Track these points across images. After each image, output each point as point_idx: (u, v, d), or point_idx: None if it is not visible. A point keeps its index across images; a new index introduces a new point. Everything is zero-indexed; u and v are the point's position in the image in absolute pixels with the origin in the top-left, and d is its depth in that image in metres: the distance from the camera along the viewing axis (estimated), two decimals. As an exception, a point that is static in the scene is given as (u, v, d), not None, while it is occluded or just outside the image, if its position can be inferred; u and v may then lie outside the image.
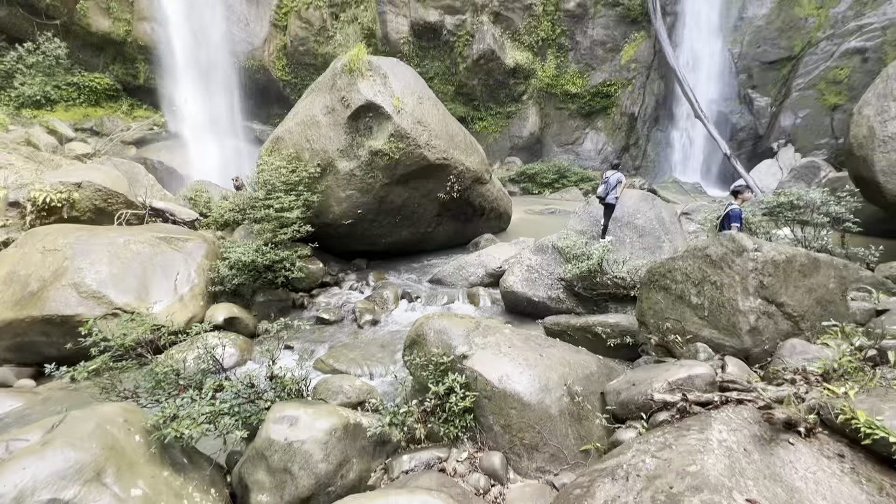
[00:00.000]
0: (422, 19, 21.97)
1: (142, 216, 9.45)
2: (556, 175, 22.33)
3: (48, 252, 6.71)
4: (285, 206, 8.56)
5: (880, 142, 8.31)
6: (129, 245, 7.19)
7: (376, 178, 9.42)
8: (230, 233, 9.93)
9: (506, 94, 24.44)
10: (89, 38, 19.59)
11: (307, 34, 21.00)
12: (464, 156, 10.56)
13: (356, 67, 9.02)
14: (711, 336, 4.74)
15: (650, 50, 23.71)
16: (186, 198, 11.61)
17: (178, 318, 6.82)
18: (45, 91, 18.79)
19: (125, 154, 18.61)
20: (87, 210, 8.69)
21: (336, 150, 9.35)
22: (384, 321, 7.99)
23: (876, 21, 19.30)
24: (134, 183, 11.23)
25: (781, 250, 4.81)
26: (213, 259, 8.09)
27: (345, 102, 9.13)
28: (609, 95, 24.32)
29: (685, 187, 21.34)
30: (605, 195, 8.46)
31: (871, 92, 8.93)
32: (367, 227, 10.20)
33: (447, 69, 23.64)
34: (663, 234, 8.60)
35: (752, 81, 22.36)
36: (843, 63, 19.90)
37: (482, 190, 11.62)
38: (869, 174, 8.65)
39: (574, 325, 6.43)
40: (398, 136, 9.08)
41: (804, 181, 16.54)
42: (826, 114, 20.38)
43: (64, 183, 8.38)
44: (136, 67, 20.45)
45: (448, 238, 11.93)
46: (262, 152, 10.22)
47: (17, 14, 18.32)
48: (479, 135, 24.37)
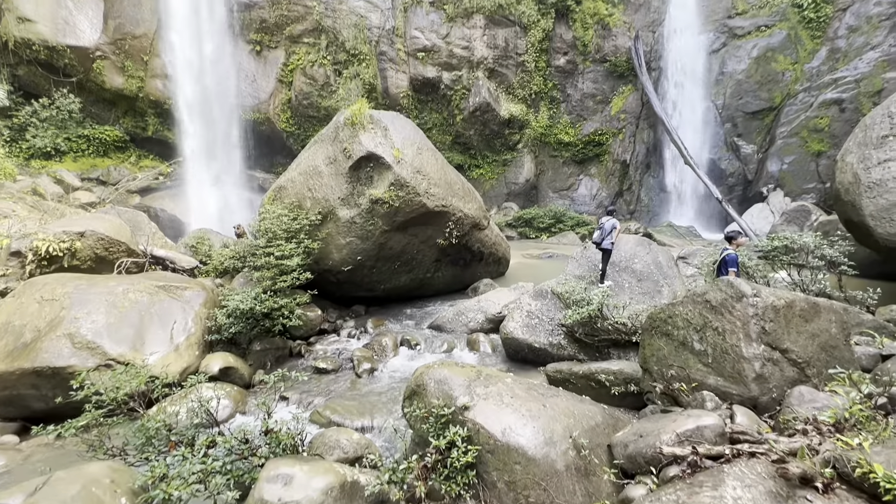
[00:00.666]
0: (420, 75, 23.20)
1: (142, 264, 9.47)
2: (553, 220, 22.71)
3: (46, 302, 6.67)
4: (285, 254, 8.62)
5: (866, 187, 8.57)
6: (128, 294, 7.16)
7: (376, 225, 9.56)
8: (229, 280, 9.92)
9: (501, 143, 25.35)
10: (103, 93, 20.51)
11: (311, 89, 22.07)
12: (462, 203, 10.79)
13: (358, 121, 9.42)
14: (717, 384, 4.66)
15: (638, 101, 24.91)
16: (187, 245, 11.69)
17: (173, 368, 6.67)
18: (56, 143, 19.41)
19: (129, 202, 18.94)
20: (88, 258, 8.73)
21: (337, 199, 9.56)
22: (383, 369, 7.82)
23: (849, 75, 20.48)
24: (136, 231, 11.35)
25: (780, 295, 4.83)
26: (212, 307, 8.04)
27: (347, 153, 9.45)
28: (601, 144, 25.24)
29: (680, 231, 21.66)
30: (601, 241, 8.59)
31: (851, 141, 9.32)
32: (367, 273, 10.23)
33: (445, 120, 24.66)
34: (661, 278, 8.63)
35: (738, 130, 23.34)
36: (822, 113, 20.89)
37: (480, 235, 11.77)
38: (858, 218, 8.85)
39: (577, 373, 6.31)
40: (398, 184, 9.32)
41: (796, 224, 16.85)
42: (811, 160, 21.12)
43: (67, 232, 8.47)
44: (145, 120, 21.27)
45: (447, 283, 11.94)
46: (265, 200, 10.43)
47: (37, 73, 19.28)
48: (476, 181, 25.02)
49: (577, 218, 23.07)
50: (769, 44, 22.37)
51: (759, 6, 22.80)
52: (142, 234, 11.27)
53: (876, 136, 8.70)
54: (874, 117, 8.99)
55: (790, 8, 22.10)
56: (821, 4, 21.44)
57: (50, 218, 11.72)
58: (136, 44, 19.80)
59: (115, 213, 12.14)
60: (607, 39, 24.31)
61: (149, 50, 20.00)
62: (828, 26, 21.43)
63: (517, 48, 24.06)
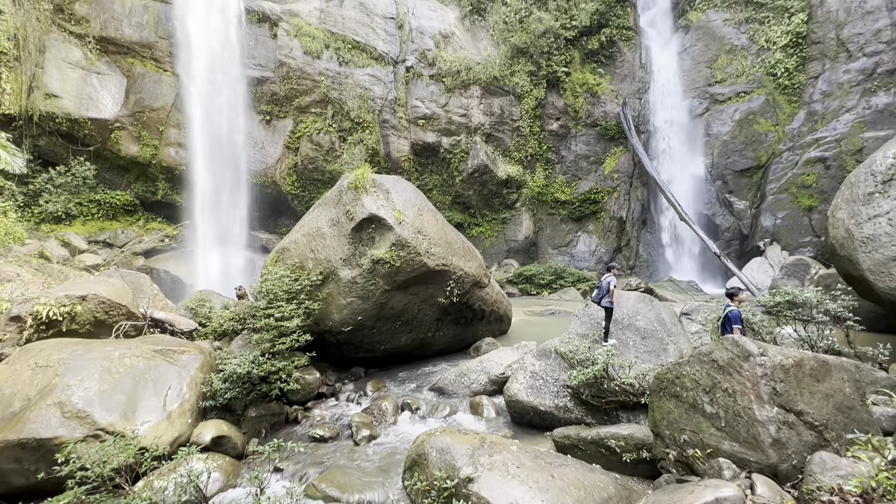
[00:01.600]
0: (421, 140, 24.41)
1: (141, 327, 9.39)
2: (553, 276, 22.76)
3: (39, 369, 6.54)
4: (286, 315, 8.58)
5: (860, 242, 8.70)
6: (124, 359, 7.04)
7: (377, 285, 9.60)
8: (228, 343, 9.78)
9: (500, 202, 26.08)
10: (118, 161, 21.47)
11: (317, 154, 23.12)
12: (462, 261, 10.90)
13: (361, 184, 9.79)
14: (733, 450, 4.44)
15: (630, 161, 25.95)
16: (188, 307, 11.66)
17: (164, 437, 6.39)
18: (68, 208, 20.00)
19: (133, 264, 19.14)
20: (87, 322, 8.67)
21: (339, 259, 9.68)
22: (383, 436, 7.48)
23: (829, 135, 21.50)
24: (138, 293, 11.38)
25: (788, 354, 4.75)
26: (208, 371, 7.86)
27: (349, 216, 9.72)
28: (597, 201, 25.95)
29: (681, 286, 21.63)
30: (600, 300, 8.57)
31: (839, 197, 9.60)
32: (367, 333, 10.11)
33: (444, 181, 25.56)
34: (666, 335, 8.51)
35: (728, 187, 24.08)
36: (808, 170, 21.67)
37: (481, 293, 11.76)
38: (857, 273, 8.89)
39: (585, 439, 6.03)
40: (399, 245, 9.49)
41: (796, 278, 16.86)
42: (803, 214, 21.58)
43: (69, 296, 8.49)
44: (156, 185, 22.07)
45: (448, 343, 11.74)
46: (268, 262, 10.56)
47: (57, 143, 20.32)
48: (476, 239, 25.42)
49: (577, 274, 23.13)
50: (749, 108, 23.72)
51: (735, 75, 24.45)
52: (143, 296, 11.29)
53: (862, 193, 8.98)
54: (858, 175, 9.33)
55: (765, 76, 23.70)
56: (793, 73, 23.02)
57: (53, 281, 11.79)
58: (153, 115, 21.06)
59: (118, 276, 12.23)
60: (597, 106, 25.84)
61: (165, 121, 21.23)
62: (803, 91, 22.84)
63: (512, 115, 25.52)
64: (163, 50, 21.07)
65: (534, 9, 25.45)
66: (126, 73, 20.92)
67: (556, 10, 25.49)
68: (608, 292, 8.36)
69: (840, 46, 21.79)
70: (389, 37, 24.52)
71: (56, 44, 19.84)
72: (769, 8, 23.85)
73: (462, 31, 25.69)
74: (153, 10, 20.94)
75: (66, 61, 19.90)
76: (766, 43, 23.75)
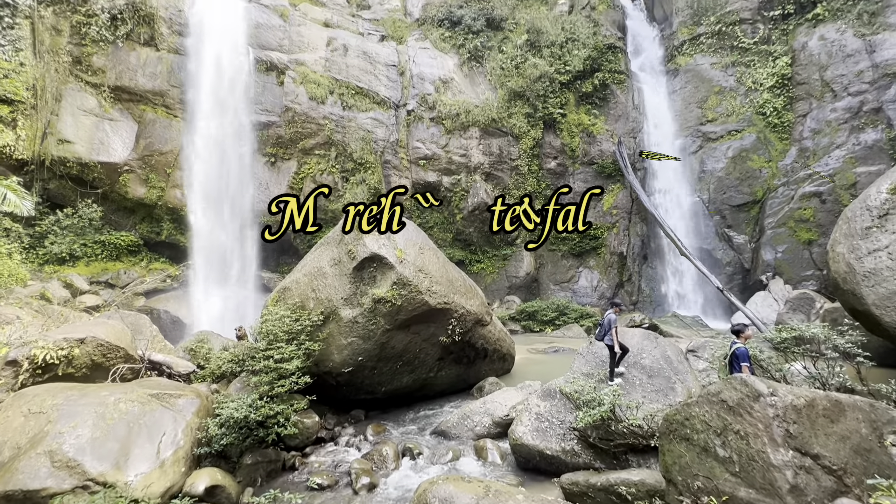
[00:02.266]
0: (422, 179, 24.93)
1: (138, 370, 9.24)
2: (556, 312, 22.54)
3: (32, 415, 6.39)
4: (285, 356, 8.46)
5: (862, 276, 8.68)
6: (119, 404, 6.88)
7: (378, 324, 9.52)
8: (226, 385, 9.59)
9: (500, 238, 26.26)
10: (124, 202, 21.87)
11: (320, 195, 23.55)
12: (464, 299, 10.85)
13: (363, 224, 9.91)
14: (749, 497, 4.24)
15: (627, 198, 26.34)
16: (187, 349, 11.52)
17: (156, 487, 6.15)
18: (72, 249, 20.17)
19: (134, 305, 19.06)
20: (84, 366, 8.55)
21: (340, 299, 9.66)
22: (383, 485, 7.17)
23: (822, 170, 21.91)
24: (137, 335, 11.27)
25: (799, 393, 4.63)
26: (204, 416, 7.66)
27: (351, 255, 9.78)
28: (597, 237, 26.11)
29: (686, 321, 21.36)
30: (602, 338, 8.45)
31: (837, 232, 9.67)
32: (368, 374, 9.92)
33: (445, 219, 25.88)
34: (673, 374, 8.32)
35: (727, 222, 24.29)
36: (804, 204, 21.92)
37: (483, 332, 11.62)
38: (863, 307, 8.81)
39: (595, 486, 5.78)
40: (401, 283, 9.49)
41: (801, 312, 16.68)
42: (803, 248, 21.63)
43: (67, 339, 8.42)
44: (160, 226, 22.35)
45: (451, 383, 11.48)
46: (269, 302, 10.53)
47: (66, 186, 20.80)
48: (477, 276, 25.40)
49: (580, 310, 22.91)
50: (742, 145, 24.32)
51: (726, 114, 25.26)
52: (142, 337, 11.17)
53: (860, 228, 9.05)
54: (854, 210, 9.44)
55: (755, 115, 24.47)
56: (782, 112, 23.78)
57: (53, 323, 11.73)
58: (161, 159, 21.65)
59: (118, 317, 12.17)
60: (593, 145, 26.55)
61: (173, 164, 21.80)
62: (792, 129, 23.50)
63: (511, 154, 26.18)
64: (174, 97, 21.95)
65: (529, 55, 26.69)
66: (137, 119, 21.71)
67: (551, 57, 26.71)
68: (609, 331, 8.26)
69: (825, 87, 22.63)
70: (391, 83, 25.58)
71: (72, 92, 20.72)
72: (753, 52, 24.98)
73: (461, 77, 26.83)
74: (167, 61, 22.00)
75: (81, 109, 20.71)
76: (754, 84, 24.70)
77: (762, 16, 25.07)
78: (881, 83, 21.29)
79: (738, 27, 25.44)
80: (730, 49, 25.63)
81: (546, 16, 28.04)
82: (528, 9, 28.68)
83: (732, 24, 25.52)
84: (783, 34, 24.55)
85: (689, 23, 27.18)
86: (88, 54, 21.00)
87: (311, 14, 26.00)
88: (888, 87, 21.13)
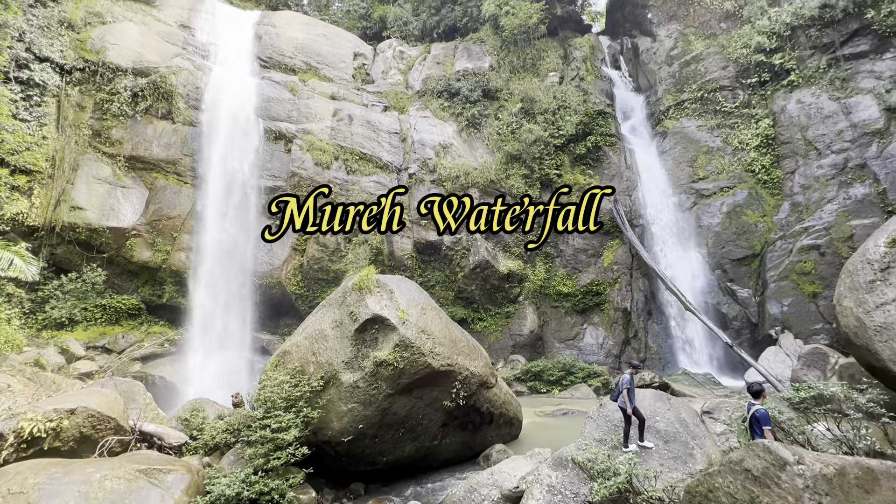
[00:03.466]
0: (423, 239, 25.32)
1: (128, 442, 8.81)
2: (563, 372, 21.84)
3: (11, 496, 5.99)
4: (283, 426, 8.10)
5: (874, 332, 8.51)
6: (104, 482, 6.48)
7: (380, 388, 9.21)
8: (219, 457, 9.09)
9: (502, 296, 26.14)
10: (128, 266, 22.07)
11: (323, 255, 23.83)
12: (468, 360, 10.58)
13: (365, 286, 9.94)
14: (789, 584, 3.85)
15: (627, 253, 26.54)
16: (180, 418, 11.05)
17: (134, 580, 5.61)
18: (73, 313, 20.04)
19: (130, 370, 18.58)
20: (71, 439, 8.16)
21: (341, 363, 9.43)
22: (384, 572, 6.54)
23: (817, 223, 22.24)
24: (130, 403, 10.88)
25: (826, 460, 4.36)
26: (195, 493, 7.17)
27: (353, 317, 9.69)
28: (599, 293, 25.96)
29: (697, 379, 20.62)
30: (616, 398, 8.14)
31: (841, 286, 9.63)
32: (368, 443, 9.42)
33: (447, 277, 25.93)
34: (690, 438, 7.90)
35: (728, 276, 24.25)
36: (804, 257, 22.00)
37: (489, 394, 11.20)
38: (879, 364, 8.55)
39: (617, 571, 5.27)
40: (403, 345, 9.31)
41: (817, 368, 16.15)
42: (809, 301, 21.40)
43: (57, 410, 8.11)
44: (163, 289, 22.38)
45: (456, 451, 10.87)
46: (268, 367, 10.28)
47: (73, 251, 21.12)
48: (480, 335, 24.94)
49: (587, 369, 22.21)
50: (735, 201, 24.92)
51: (717, 172, 26.15)
52: (135, 406, 10.79)
53: (864, 281, 9.03)
54: (855, 264, 9.47)
55: (744, 173, 25.33)
56: (770, 169, 24.64)
57: (45, 392, 11.36)
58: (169, 223, 22.18)
59: (112, 384, 11.82)
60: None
61: (180, 227, 22.29)
62: (783, 185, 24.21)
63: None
64: (185, 165, 22.94)
65: (524, 121, 28.22)
66: (149, 186, 22.52)
67: (544, 122, 28.22)
68: (620, 393, 7.96)
69: (809, 145, 23.63)
70: (394, 148, 26.83)
71: (89, 162, 21.69)
72: (736, 115, 26.40)
73: (460, 142, 28.18)
74: (181, 133, 23.25)
75: (96, 177, 21.57)
76: (740, 144, 25.82)
77: (740, 83, 26.79)
78: (861, 141, 22.26)
79: (718, 93, 27.09)
80: (713, 112, 27.11)
81: (538, 86, 30.01)
82: (521, 81, 30.77)
83: (713, 91, 27.20)
84: (762, 98, 26.07)
85: (672, 90, 28.99)
86: (108, 127, 22.26)
87: (318, 88, 27.89)
88: (869, 145, 22.06)
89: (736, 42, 26.86)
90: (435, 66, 32.30)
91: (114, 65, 22.74)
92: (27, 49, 20.99)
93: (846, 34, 23.99)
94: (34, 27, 21.53)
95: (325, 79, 29.29)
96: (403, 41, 35.85)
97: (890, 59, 22.84)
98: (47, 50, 21.55)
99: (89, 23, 23.64)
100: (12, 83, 20.18)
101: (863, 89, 23.02)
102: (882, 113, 22.14)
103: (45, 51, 21.46)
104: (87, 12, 23.72)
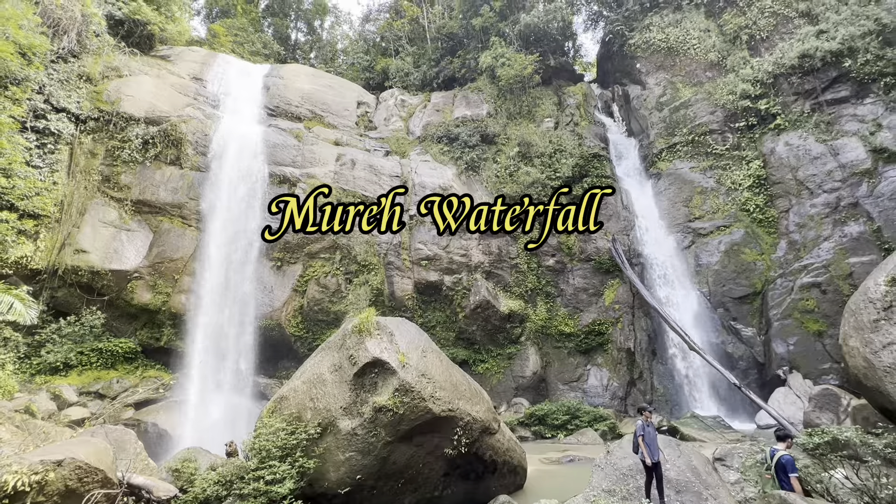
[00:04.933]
0: (424, 279, 25.34)
1: (114, 496, 8.43)
2: (568, 416, 21.16)
3: (-11, 556, 5.68)
4: (277, 477, 7.79)
5: (884, 373, 8.36)
6: (89, 540, 6.15)
7: (379, 436, 8.93)
8: (209, 513, 8.66)
9: (504, 336, 25.81)
10: (128, 308, 21.94)
11: (323, 296, 23.77)
12: (469, 405, 10.31)
13: (365, 328, 9.87)
14: None
15: (628, 292, 26.44)
16: (171, 469, 10.63)
17: None
18: (68, 358, 19.70)
19: (122, 416, 18.04)
20: (56, 493, 7.81)
21: (339, 409, 9.19)
22: None
23: (815, 261, 22.29)
24: (120, 452, 10.51)
25: (844, 512, 4.18)
26: (181, 553, 6.79)
27: (352, 360, 9.56)
28: (602, 333, 25.64)
29: (707, 422, 19.93)
30: (637, 451, 7.84)
31: (846, 325, 9.56)
32: (367, 495, 9.01)
33: (448, 318, 25.71)
34: (703, 488, 7.57)
35: (731, 314, 24.02)
36: (806, 295, 21.88)
37: (492, 441, 10.82)
38: (893, 406, 8.33)
39: None
40: (403, 390, 9.12)
41: (829, 410, 15.68)
42: (815, 339, 21.06)
43: (44, 462, 7.82)
44: (161, 331, 22.14)
45: (458, 503, 10.36)
46: (264, 413, 10.01)
47: (74, 294, 21.08)
48: (482, 377, 24.40)
49: (592, 412, 21.54)
50: (732, 240, 25.12)
51: (712, 212, 26.55)
52: (125, 455, 10.41)
53: (868, 321, 8.97)
54: (857, 303, 9.45)
55: (739, 212, 25.71)
56: (764, 208, 25.04)
57: (33, 441, 11.01)
58: (171, 265, 22.29)
59: (102, 433, 11.47)
60: (588, 243, 27.48)
61: (181, 270, 22.38)
62: (778, 224, 24.49)
63: (510, 253, 27.00)
64: (190, 209, 23.38)
65: (521, 164, 29.03)
66: (154, 229, 22.84)
67: (541, 165, 29.03)
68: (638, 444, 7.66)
69: (800, 185, 24.15)
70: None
71: (96, 206, 22.11)
72: (727, 157, 27.16)
73: (459, 184, 28.83)
74: (189, 178, 23.87)
75: (102, 221, 21.91)
76: (733, 184, 26.38)
77: (729, 126, 27.75)
78: (852, 181, 22.76)
79: (709, 136, 28.01)
80: (705, 154, 27.90)
81: (535, 131, 31.13)
82: (517, 126, 31.95)
83: (703, 135, 28.14)
84: (751, 141, 26.92)
85: (664, 134, 30.00)
86: (118, 173, 22.88)
87: (323, 135, 28.92)
88: (859, 185, 22.53)
89: (722, 89, 28.09)
90: (435, 113, 33.65)
91: (127, 114, 23.71)
92: (45, 101, 21.95)
93: (827, 81, 25.12)
94: (54, 80, 22.63)
95: (330, 126, 30.43)
96: (405, 90, 37.55)
97: (870, 103, 23.79)
98: (65, 101, 22.53)
99: (107, 76, 24.87)
100: (28, 132, 20.94)
101: (847, 132, 23.82)
102: (868, 154, 22.78)
103: (62, 102, 22.43)
104: (105, 67, 25.01)
